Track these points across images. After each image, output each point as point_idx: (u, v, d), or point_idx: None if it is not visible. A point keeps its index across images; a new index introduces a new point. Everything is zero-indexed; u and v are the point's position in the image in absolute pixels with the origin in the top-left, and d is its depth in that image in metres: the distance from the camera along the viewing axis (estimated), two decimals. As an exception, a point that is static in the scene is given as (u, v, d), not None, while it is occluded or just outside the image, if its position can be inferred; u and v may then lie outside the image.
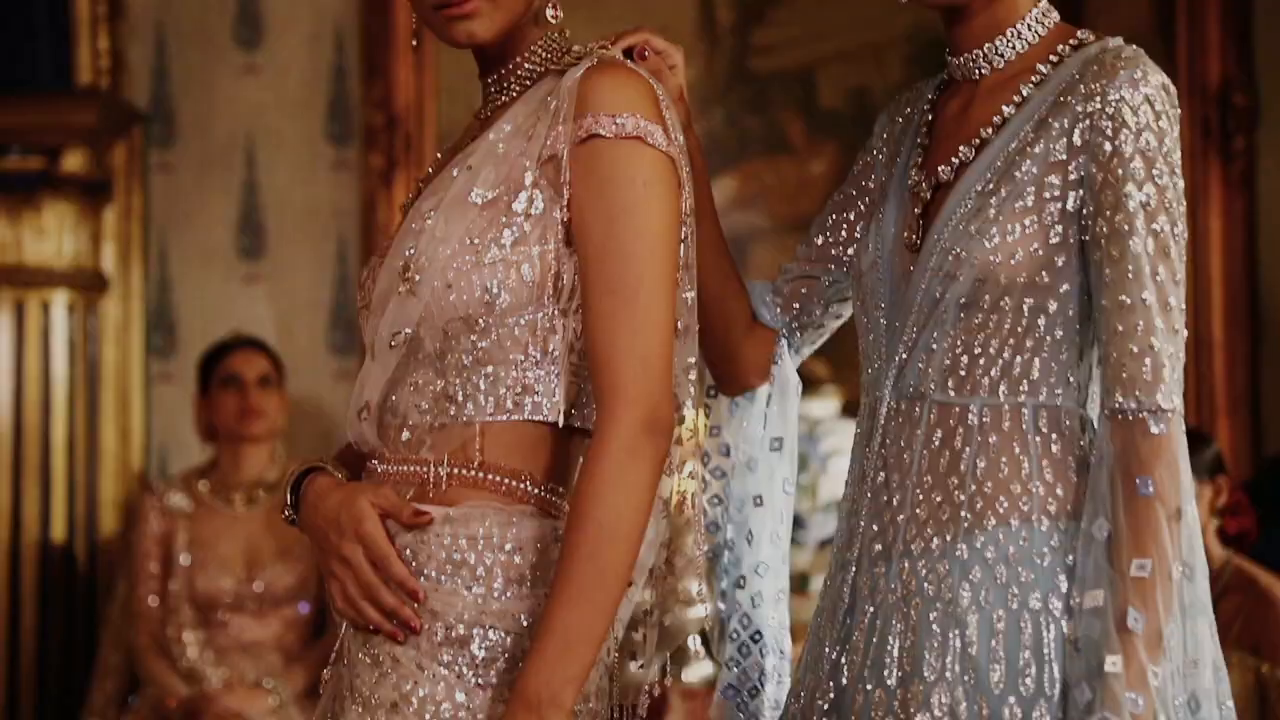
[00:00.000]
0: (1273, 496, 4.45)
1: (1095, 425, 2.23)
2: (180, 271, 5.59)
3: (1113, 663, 2.10)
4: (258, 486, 4.98)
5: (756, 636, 2.44)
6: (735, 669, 2.45)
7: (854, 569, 2.27)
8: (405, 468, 2.22)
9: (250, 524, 4.93)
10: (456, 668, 2.15)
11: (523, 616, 2.16)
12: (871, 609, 2.24)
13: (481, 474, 2.19)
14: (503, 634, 2.16)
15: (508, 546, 2.18)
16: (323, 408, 5.48)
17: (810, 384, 5.00)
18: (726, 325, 2.45)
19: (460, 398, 2.20)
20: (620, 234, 2.14)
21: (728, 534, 2.48)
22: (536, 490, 2.21)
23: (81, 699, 5.13)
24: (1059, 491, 2.21)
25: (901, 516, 2.24)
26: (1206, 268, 5.18)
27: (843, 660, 2.25)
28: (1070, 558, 2.18)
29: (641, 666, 2.29)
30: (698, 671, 4.98)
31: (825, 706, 2.24)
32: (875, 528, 2.26)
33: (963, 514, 2.21)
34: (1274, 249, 5.26)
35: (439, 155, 2.38)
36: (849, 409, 5.25)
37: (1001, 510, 2.20)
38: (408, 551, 2.18)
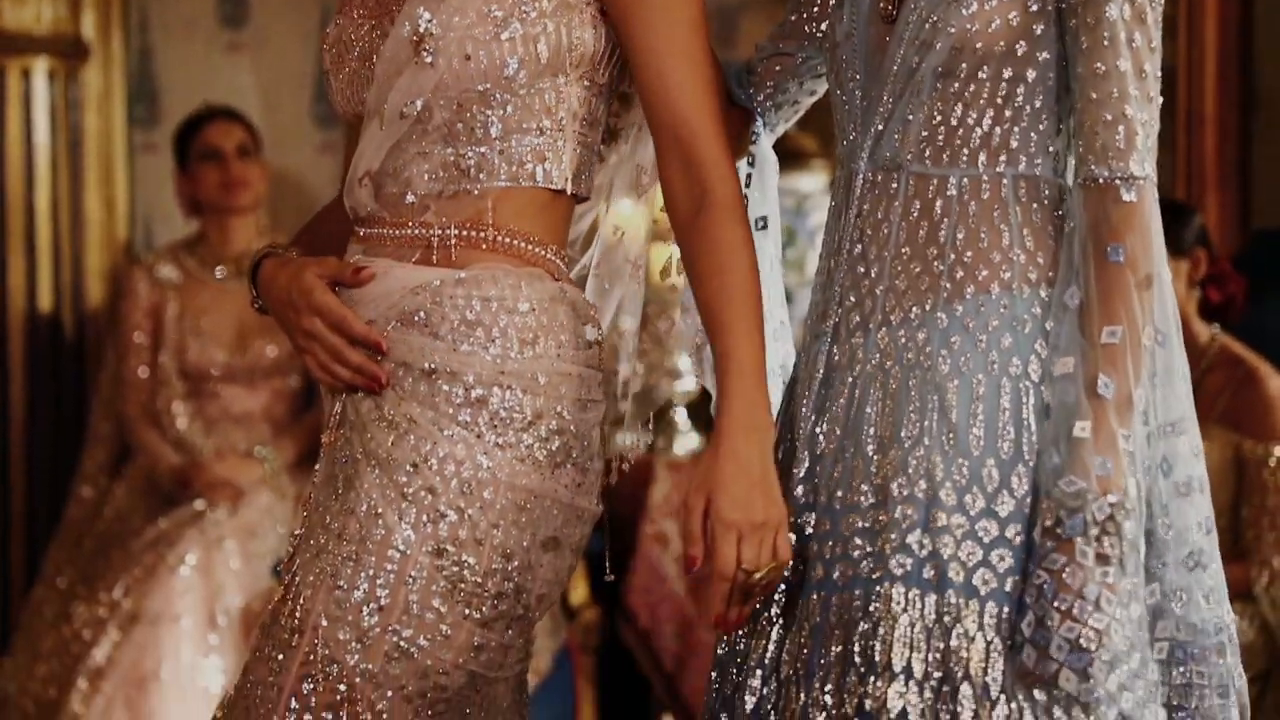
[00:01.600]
0: (1264, 269, 4.46)
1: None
2: (161, 40, 5.53)
3: (1081, 428, 2.12)
4: (245, 258, 4.96)
5: None
6: None
7: (830, 340, 2.28)
8: (408, 231, 2.26)
9: (239, 296, 4.93)
10: (475, 428, 2.20)
11: (539, 375, 2.22)
12: (850, 378, 2.25)
13: (493, 235, 2.23)
14: (519, 393, 2.21)
15: (521, 307, 2.22)
16: (306, 180, 5.46)
17: (798, 158, 4.97)
18: None
19: (472, 170, 2.23)
20: (682, 1, 2.22)
21: None
22: (543, 252, 2.26)
23: (72, 467, 5.18)
24: (1040, 259, 2.22)
25: (880, 288, 2.25)
26: (1200, 40, 5.12)
27: (819, 430, 2.26)
28: (1050, 325, 2.19)
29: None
30: (684, 444, 5.03)
31: (801, 474, 2.26)
32: (852, 299, 2.27)
33: (942, 283, 2.21)
34: (1268, 22, 5.20)
35: None
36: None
37: (981, 279, 2.21)
38: (421, 314, 2.22)
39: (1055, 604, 2.11)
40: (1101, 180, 2.17)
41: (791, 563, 2.22)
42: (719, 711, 2.28)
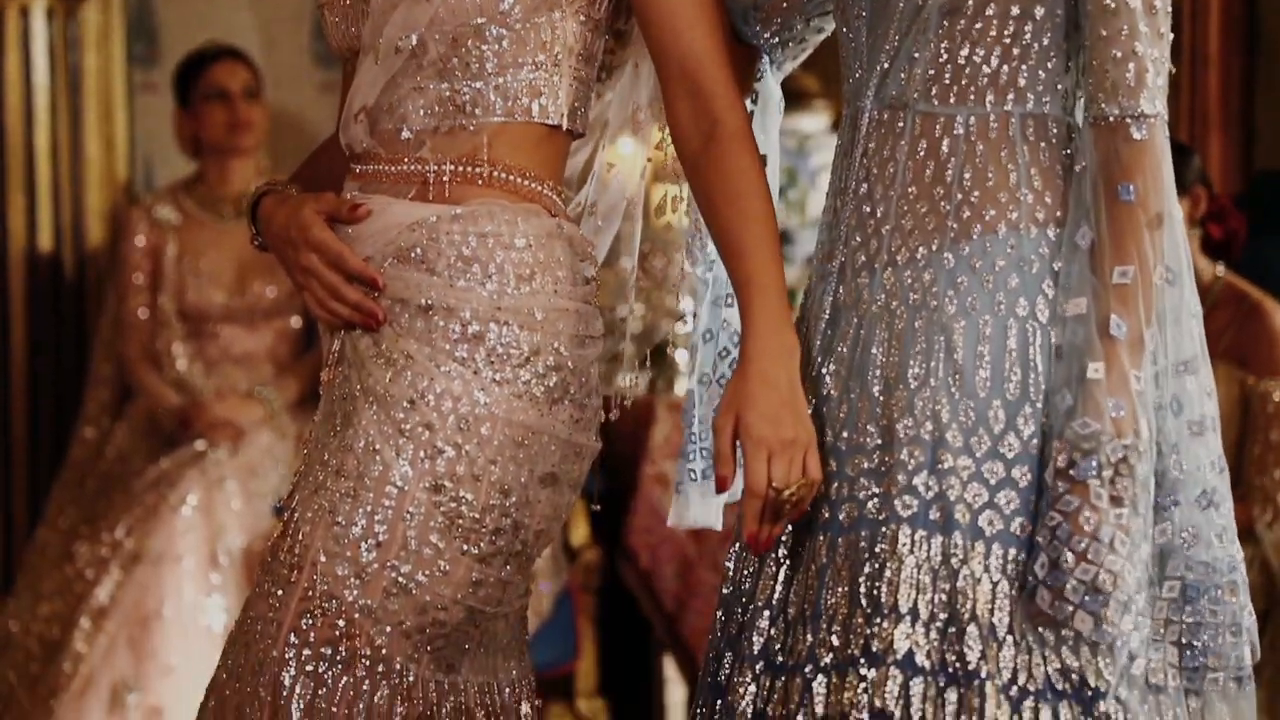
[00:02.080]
0: (1266, 210, 4.46)
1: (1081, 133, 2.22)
2: (161, -23, 5.52)
3: (1095, 369, 2.12)
4: (245, 199, 4.94)
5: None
6: (722, 384, 2.47)
7: (836, 280, 2.27)
8: (404, 167, 2.25)
9: (239, 236, 4.91)
10: (472, 364, 2.20)
11: (536, 311, 2.21)
12: (856, 319, 2.24)
13: (489, 171, 2.23)
14: (516, 329, 2.21)
15: (518, 243, 2.22)
16: (306, 120, 5.44)
17: (800, 98, 4.94)
18: None
19: (468, 106, 2.22)
20: None
21: (710, 252, 2.48)
22: (540, 188, 2.26)
23: (73, 407, 5.19)
24: (1047, 199, 2.20)
25: (886, 227, 2.23)
26: (1205, -18, 5.10)
27: (825, 371, 2.25)
28: (1058, 265, 2.18)
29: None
30: (685, 386, 5.02)
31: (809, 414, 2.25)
32: (858, 239, 2.25)
33: (949, 223, 2.20)
34: (1274, -38, 5.17)
35: None
36: (840, 124, 5.18)
37: (989, 218, 2.19)
38: (417, 250, 2.22)
39: (1070, 546, 2.10)
40: (1111, 118, 2.15)
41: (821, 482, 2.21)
42: (724, 651, 2.28)
